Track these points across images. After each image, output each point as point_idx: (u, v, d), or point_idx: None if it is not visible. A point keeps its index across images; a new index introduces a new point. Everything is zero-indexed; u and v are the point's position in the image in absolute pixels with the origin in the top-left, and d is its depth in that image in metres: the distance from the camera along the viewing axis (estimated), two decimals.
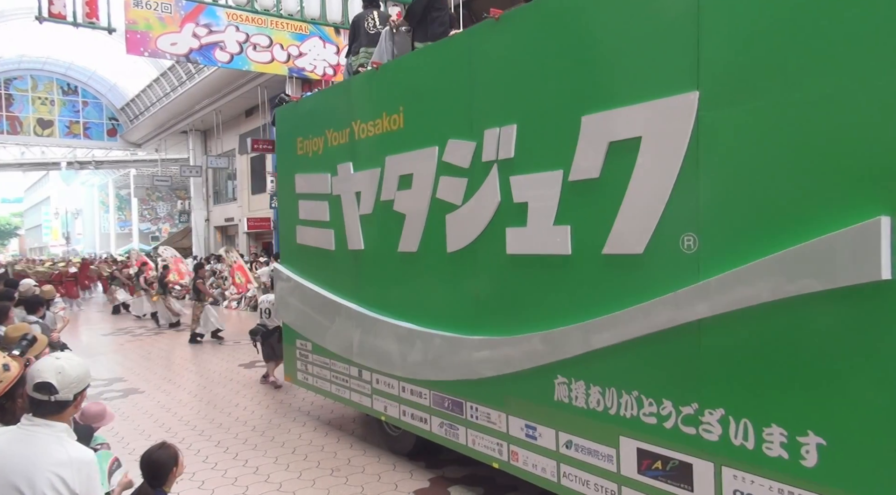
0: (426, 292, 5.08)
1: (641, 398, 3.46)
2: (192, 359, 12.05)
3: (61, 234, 58.45)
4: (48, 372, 2.43)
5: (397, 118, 5.26)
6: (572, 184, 3.77)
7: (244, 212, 28.21)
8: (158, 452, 3.20)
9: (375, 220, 5.58)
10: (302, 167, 6.74)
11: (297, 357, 7.14)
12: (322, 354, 6.59)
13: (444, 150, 4.72)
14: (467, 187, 4.53)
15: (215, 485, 5.52)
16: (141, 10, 16.63)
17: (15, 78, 32.79)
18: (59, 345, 6.22)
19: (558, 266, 3.89)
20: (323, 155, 6.34)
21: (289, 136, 7.04)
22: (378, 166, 5.44)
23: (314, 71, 18.84)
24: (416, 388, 5.22)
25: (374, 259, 5.69)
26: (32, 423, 2.41)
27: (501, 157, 4.24)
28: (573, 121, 3.74)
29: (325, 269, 6.43)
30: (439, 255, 4.84)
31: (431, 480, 5.49)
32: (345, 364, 6.21)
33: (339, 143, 6.07)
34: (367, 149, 5.66)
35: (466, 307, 4.65)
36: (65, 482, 2.31)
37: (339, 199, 6.06)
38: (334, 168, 6.11)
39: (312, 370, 6.86)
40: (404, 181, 5.17)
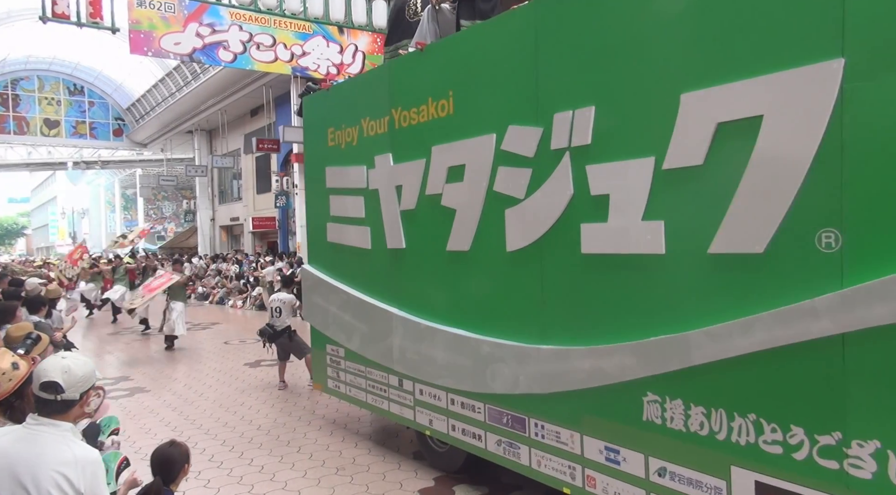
0: (480, 296, 4.45)
1: (761, 423, 2.83)
2: (197, 358, 11.69)
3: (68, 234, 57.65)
4: (54, 372, 2.38)
5: (446, 104, 4.61)
6: (667, 172, 3.14)
7: (249, 211, 27.71)
8: (170, 449, 3.14)
9: (419, 217, 4.95)
10: (333, 159, 6.06)
11: (328, 363, 6.43)
12: (356, 361, 5.93)
13: (504, 138, 4.08)
14: (532, 179, 3.90)
15: (221, 484, 5.39)
16: (144, 10, 16.18)
17: (22, 78, 32.22)
18: (63, 344, 6.36)
19: (649, 267, 3.26)
20: (358, 146, 5.68)
21: (318, 127, 6.34)
22: (423, 157, 4.81)
23: (317, 70, 18.38)
24: (469, 401, 4.58)
25: (417, 259, 5.05)
26: (38, 423, 2.36)
27: (575, 144, 3.61)
28: (669, 99, 3.11)
29: (360, 270, 5.77)
30: (496, 255, 4.21)
31: (436, 479, 5.35)
32: (383, 372, 5.54)
33: (376, 133, 5.41)
34: (409, 138, 5.01)
35: (530, 313, 4.01)
36: (70, 481, 2.26)
37: (377, 194, 5.41)
38: (371, 160, 5.46)
39: (345, 378, 6.18)
40: (454, 173, 4.54)
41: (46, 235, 67.99)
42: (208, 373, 10.17)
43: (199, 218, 32.86)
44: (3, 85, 31.56)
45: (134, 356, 12.09)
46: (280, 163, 24.24)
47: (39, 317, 6.69)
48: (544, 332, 3.90)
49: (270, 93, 23.71)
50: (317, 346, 6.65)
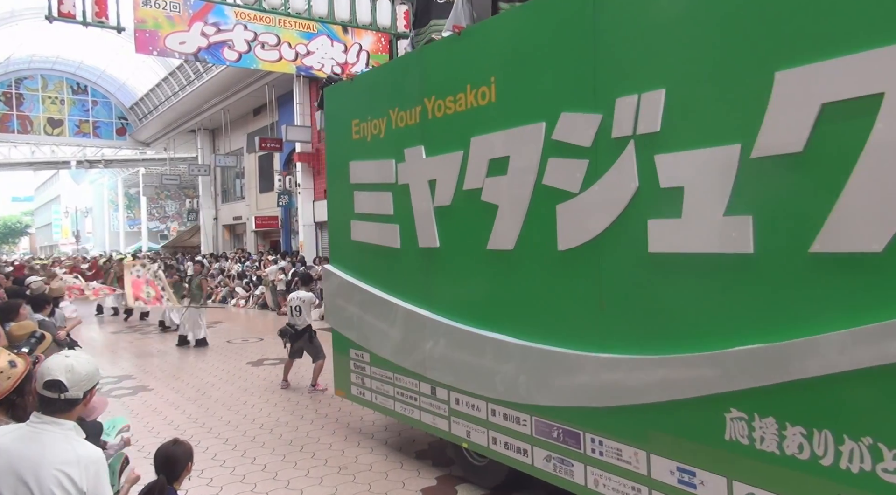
0: (526, 298, 3.98)
1: (879, 448, 2.39)
2: (200, 356, 11.50)
3: (71, 233, 57.05)
4: (58, 370, 2.33)
5: (487, 91, 4.15)
6: (756, 161, 2.71)
7: (252, 210, 27.27)
8: (174, 448, 3.07)
9: (455, 213, 4.50)
10: (358, 153, 5.58)
11: (352, 369, 5.94)
12: (383, 367, 5.45)
13: (555, 127, 3.64)
14: (588, 171, 3.46)
15: (224, 482, 5.31)
16: (150, 10, 15.82)
17: (25, 77, 31.71)
18: (67, 342, 6.25)
19: (733, 268, 2.82)
20: (385, 138, 5.20)
21: (341, 119, 5.85)
22: (460, 149, 4.37)
23: (322, 69, 18.01)
24: (513, 413, 4.11)
25: (452, 258, 4.60)
26: (41, 421, 2.31)
27: (641, 132, 3.17)
28: (761, 78, 2.67)
29: (388, 270, 5.29)
30: (546, 254, 3.77)
31: (439, 478, 5.24)
32: (413, 379, 5.07)
33: (406, 124, 4.95)
34: (444, 129, 4.56)
35: (586, 318, 3.57)
36: (72, 480, 2.21)
37: (407, 189, 4.96)
38: (400, 153, 4.99)
39: (371, 384, 5.68)
40: (497, 166, 4.08)
41: (50, 234, 67.40)
42: (211, 372, 10.00)
43: (201, 217, 32.42)
44: (7, 84, 31.15)
45: (137, 354, 11.98)
46: (283, 162, 23.87)
47: (43, 316, 6.52)
48: (603, 339, 3.46)
49: (273, 92, 23.37)
50: (339, 351, 6.15)
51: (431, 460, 5.64)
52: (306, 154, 22.00)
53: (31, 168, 39.45)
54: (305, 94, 22.45)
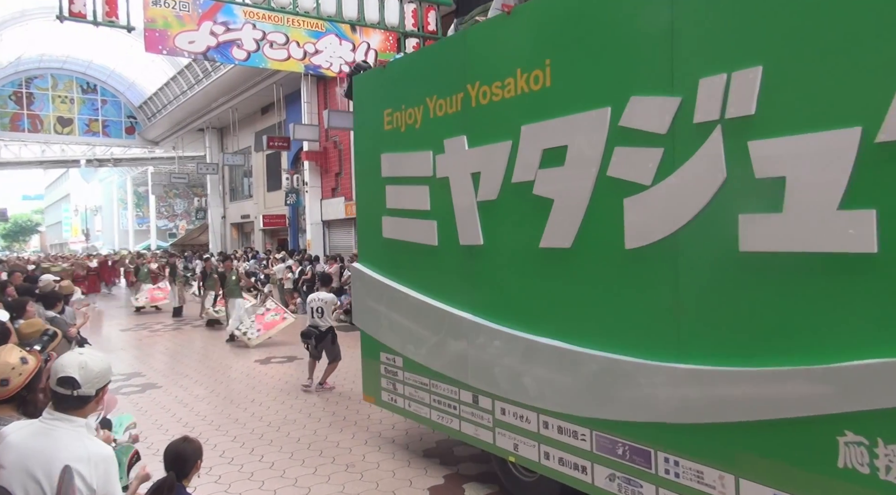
0: (587, 301, 3.57)
1: None
2: (208, 354, 11.33)
3: (81, 231, 56.72)
4: (71, 367, 2.31)
5: (541, 75, 3.72)
6: (883, 146, 2.28)
7: (260, 209, 26.96)
8: (183, 445, 3.00)
9: (502, 208, 4.08)
10: (391, 145, 5.15)
11: (383, 374, 5.51)
12: (418, 372, 5.04)
13: (623, 112, 3.23)
14: (663, 160, 3.05)
15: (232, 480, 5.23)
16: (159, 9, 15.51)
17: (36, 77, 31.31)
18: (78, 340, 6.17)
19: (851, 269, 2.39)
20: (422, 128, 4.79)
21: (372, 109, 5.41)
22: (508, 138, 3.95)
23: (330, 68, 17.66)
24: (570, 426, 3.70)
25: (498, 257, 4.17)
26: (53, 417, 2.28)
27: (731, 115, 2.74)
28: (889, 51, 2.24)
29: (424, 270, 4.88)
30: (610, 253, 3.37)
31: (446, 477, 5.16)
32: (453, 387, 4.66)
33: (446, 113, 4.53)
34: (490, 117, 4.14)
35: (660, 324, 3.15)
36: (82, 477, 2.17)
37: (447, 183, 4.54)
38: (439, 144, 4.58)
39: (404, 391, 5.26)
40: (552, 156, 3.67)
41: (60, 232, 67.13)
42: (219, 370, 9.86)
43: (210, 215, 32.04)
44: (18, 83, 30.84)
45: (146, 352, 11.83)
46: (290, 160, 23.52)
47: (55, 313, 6.41)
48: (681, 348, 3.03)
49: (281, 91, 23.04)
50: (368, 354, 5.73)
51: (439, 458, 5.54)
52: (314, 152, 21.64)
53: (42, 167, 39.23)
54: (313, 92, 22.09)
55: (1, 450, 2.26)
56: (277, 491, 4.98)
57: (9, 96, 30.53)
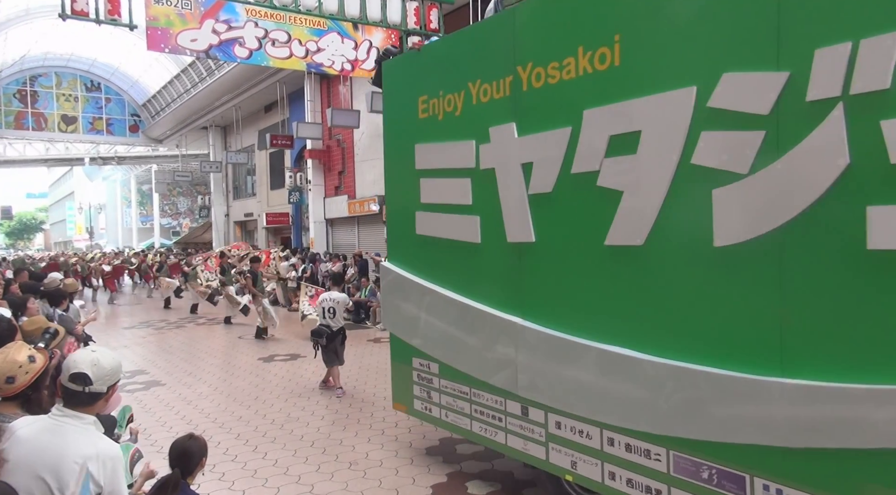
0: (664, 305, 3.25)
1: None
2: (212, 352, 11.46)
3: (85, 229, 57.26)
4: (84, 364, 2.36)
5: (608, 53, 3.41)
6: None
7: (263, 207, 27.25)
8: (189, 443, 3.06)
9: (559, 202, 3.74)
10: (426, 134, 4.81)
11: (415, 380, 5.17)
12: (457, 380, 4.69)
13: (714, 91, 2.91)
14: (764, 145, 2.76)
15: (235, 477, 5.30)
16: (161, 7, 15.75)
17: (40, 75, 31.71)
18: (83, 337, 6.17)
19: None
20: (463, 116, 4.46)
21: (404, 96, 5.07)
22: (567, 125, 3.63)
23: (332, 66, 17.87)
24: (641, 444, 3.38)
25: (553, 255, 3.84)
26: (63, 414, 2.32)
27: (858, 91, 2.47)
28: None
29: (464, 269, 4.54)
30: (694, 251, 3.07)
31: (449, 475, 5.19)
32: (498, 396, 4.33)
33: (492, 99, 4.20)
34: (545, 102, 3.80)
35: (760, 332, 2.86)
36: (90, 474, 2.21)
37: (492, 174, 4.20)
38: (483, 132, 4.26)
39: (440, 399, 4.92)
40: (621, 143, 3.35)
41: (64, 230, 67.71)
42: (223, 368, 9.96)
43: (213, 213, 32.46)
44: (22, 81, 31.18)
45: (150, 350, 11.92)
46: (293, 159, 23.80)
47: (61, 310, 6.53)
48: (788, 360, 2.76)
49: (284, 89, 23.31)
50: (399, 359, 5.38)
51: (442, 457, 5.58)
52: (317, 151, 21.91)
53: (46, 165, 39.68)
54: (316, 91, 22.36)
55: (10, 445, 2.27)
56: (281, 488, 5.02)
57: (13, 94, 30.86)
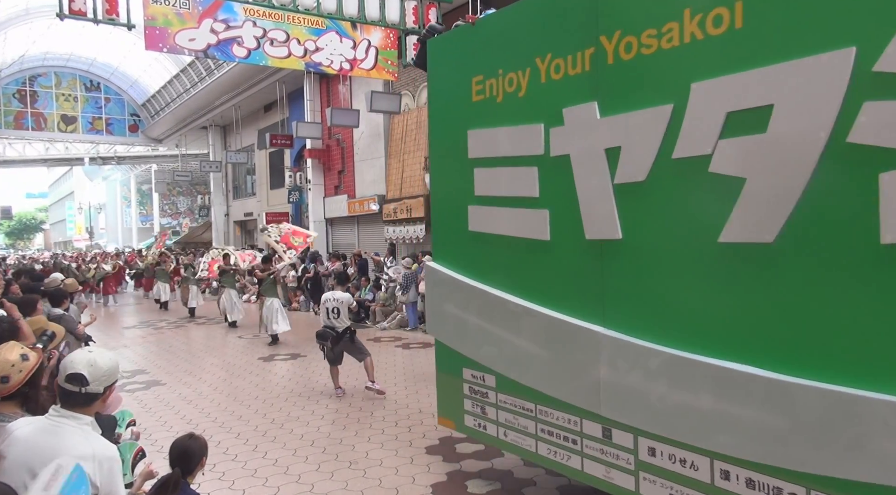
0: (807, 315, 2.76)
1: None
2: (212, 352, 11.61)
3: (85, 229, 57.40)
4: (81, 364, 2.37)
5: (724, 14, 2.95)
6: None
7: (263, 206, 27.35)
8: (189, 442, 3.08)
9: (654, 192, 3.27)
10: (482, 119, 4.33)
11: (467, 394, 4.68)
12: (519, 395, 4.21)
13: (885, 51, 2.43)
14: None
15: (235, 477, 5.33)
16: (159, 7, 15.83)
17: (39, 75, 31.74)
18: (83, 337, 6.28)
19: None
20: (528, 97, 3.97)
21: (454, 77, 4.58)
22: (667, 102, 3.16)
23: (331, 65, 17.97)
24: (770, 481, 2.87)
25: (646, 254, 3.36)
26: (60, 415, 2.35)
27: None
28: None
29: (529, 270, 4.07)
30: (849, 249, 2.61)
31: (449, 474, 5.20)
32: (572, 415, 3.83)
33: (566, 75, 3.70)
34: (637, 76, 3.34)
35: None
36: (86, 475, 2.19)
37: (566, 162, 3.71)
38: (554, 114, 3.76)
39: (497, 416, 4.42)
40: (744, 121, 2.88)
41: (64, 230, 67.85)
42: (223, 367, 10.04)
43: (213, 213, 32.56)
44: (22, 81, 31.22)
45: (150, 349, 12.03)
46: (293, 158, 23.91)
47: (62, 310, 6.54)
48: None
49: (283, 88, 23.41)
50: (446, 369, 4.88)
51: (442, 456, 5.62)
52: (316, 150, 22.03)
53: (45, 164, 39.82)
54: (316, 90, 22.48)
55: (7, 445, 2.30)
56: (281, 487, 5.06)
57: (13, 94, 30.92)
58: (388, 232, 18.71)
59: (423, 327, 12.93)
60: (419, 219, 17.32)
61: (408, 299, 13.21)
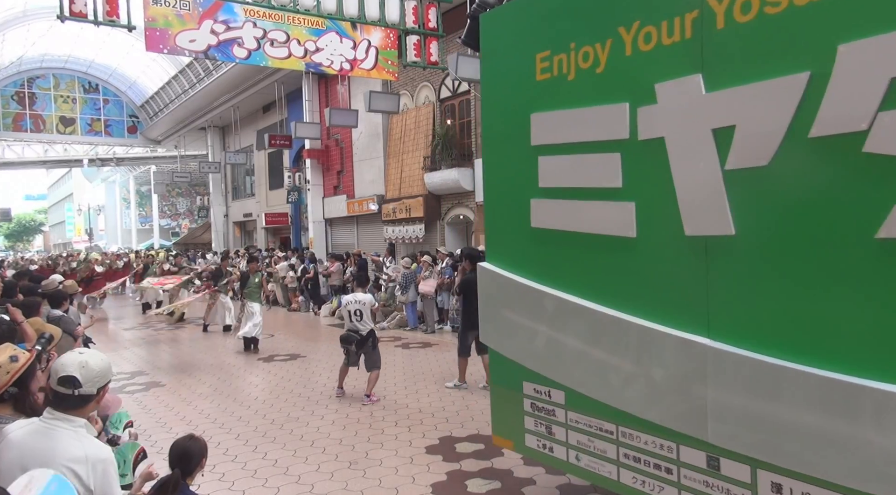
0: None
1: None
2: (211, 353, 11.54)
3: (84, 231, 57.43)
4: (72, 366, 2.36)
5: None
6: None
7: (262, 207, 27.42)
8: (189, 443, 3.08)
9: (781, 178, 2.75)
10: (549, 100, 3.80)
11: (528, 411, 4.12)
12: (596, 414, 3.65)
13: None
14: None
15: (235, 477, 5.33)
16: (160, 8, 15.84)
17: (38, 76, 31.79)
18: (83, 339, 6.24)
19: None
20: (609, 72, 3.45)
21: (514, 55, 4.07)
22: (801, 69, 2.63)
23: (331, 66, 17.98)
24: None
25: (767, 253, 2.82)
26: (53, 417, 2.34)
27: None
28: None
29: (610, 271, 3.54)
30: None
31: (448, 474, 5.20)
32: (666, 440, 3.27)
33: (658, 45, 3.19)
34: (757, 41, 2.80)
35: None
36: (78, 477, 2.23)
37: (659, 146, 3.20)
38: (644, 91, 3.24)
39: (568, 437, 3.88)
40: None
41: (63, 232, 67.88)
42: (223, 368, 10.02)
43: (212, 214, 32.68)
44: (20, 83, 31.29)
45: (149, 351, 12.02)
46: (292, 158, 23.98)
47: (61, 312, 6.50)
48: None
49: (282, 89, 23.47)
50: (503, 382, 4.33)
51: (442, 455, 5.63)
52: (316, 151, 22.08)
53: (44, 166, 39.82)
54: (314, 91, 22.54)
55: (1, 447, 2.31)
56: (281, 488, 5.05)
57: (11, 96, 30.97)
58: (388, 232, 18.74)
59: (423, 327, 12.97)
60: (418, 218, 17.36)
61: (407, 299, 13.24)
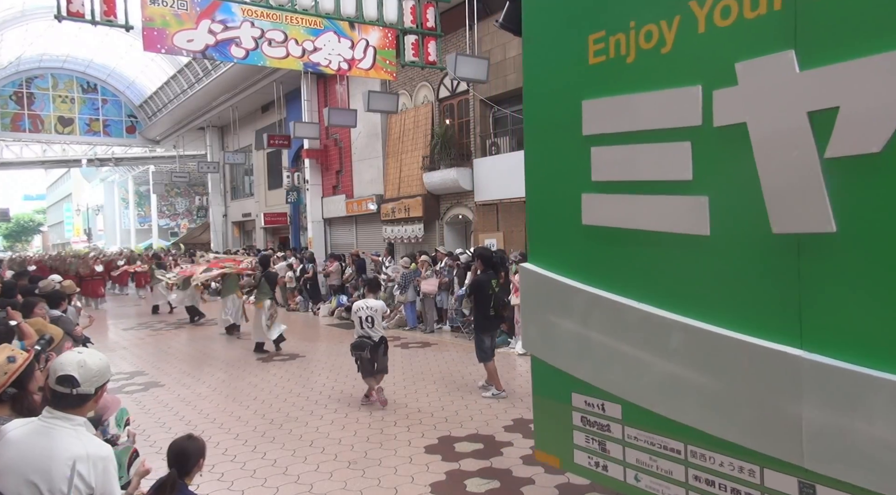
0: None
1: None
2: (210, 353, 11.59)
3: (83, 231, 57.39)
4: (70, 366, 2.37)
5: None
6: None
7: (261, 207, 27.42)
8: (187, 443, 3.09)
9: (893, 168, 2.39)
10: (603, 86, 3.44)
11: (578, 425, 3.71)
12: (660, 431, 3.27)
13: None
14: None
15: (234, 477, 5.35)
16: (157, 8, 15.84)
17: (36, 76, 31.75)
18: (81, 338, 6.25)
19: None
20: (677, 52, 3.09)
21: (562, 37, 3.71)
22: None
23: (329, 65, 17.98)
24: None
25: (878, 253, 2.45)
26: (52, 416, 2.35)
27: None
28: None
29: (678, 273, 3.17)
30: None
31: (448, 473, 5.22)
32: (748, 463, 2.87)
33: (739, 19, 2.83)
34: (867, 10, 2.41)
35: None
36: (80, 475, 2.25)
37: (740, 133, 2.81)
38: (722, 72, 2.88)
39: (625, 455, 3.48)
40: None
41: (62, 232, 67.85)
42: (222, 368, 10.06)
43: (211, 214, 32.68)
44: (18, 83, 31.26)
45: (148, 351, 12.03)
46: (291, 158, 23.97)
47: (59, 312, 6.55)
48: None
49: (281, 89, 23.46)
50: (548, 393, 3.92)
51: (441, 455, 5.64)
52: (314, 150, 22.09)
53: (43, 166, 39.71)
54: (313, 90, 22.53)
55: (0, 446, 2.33)
56: (280, 488, 5.06)
57: (9, 96, 30.93)
58: (387, 231, 18.74)
59: (422, 327, 12.97)
60: (417, 218, 17.36)
61: (406, 299, 13.23)
